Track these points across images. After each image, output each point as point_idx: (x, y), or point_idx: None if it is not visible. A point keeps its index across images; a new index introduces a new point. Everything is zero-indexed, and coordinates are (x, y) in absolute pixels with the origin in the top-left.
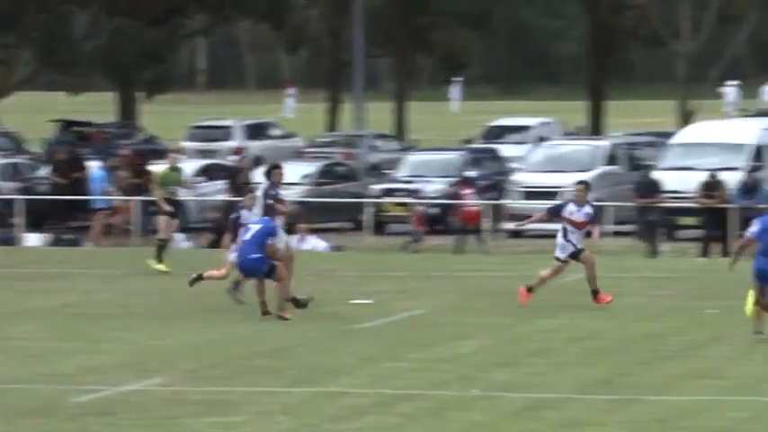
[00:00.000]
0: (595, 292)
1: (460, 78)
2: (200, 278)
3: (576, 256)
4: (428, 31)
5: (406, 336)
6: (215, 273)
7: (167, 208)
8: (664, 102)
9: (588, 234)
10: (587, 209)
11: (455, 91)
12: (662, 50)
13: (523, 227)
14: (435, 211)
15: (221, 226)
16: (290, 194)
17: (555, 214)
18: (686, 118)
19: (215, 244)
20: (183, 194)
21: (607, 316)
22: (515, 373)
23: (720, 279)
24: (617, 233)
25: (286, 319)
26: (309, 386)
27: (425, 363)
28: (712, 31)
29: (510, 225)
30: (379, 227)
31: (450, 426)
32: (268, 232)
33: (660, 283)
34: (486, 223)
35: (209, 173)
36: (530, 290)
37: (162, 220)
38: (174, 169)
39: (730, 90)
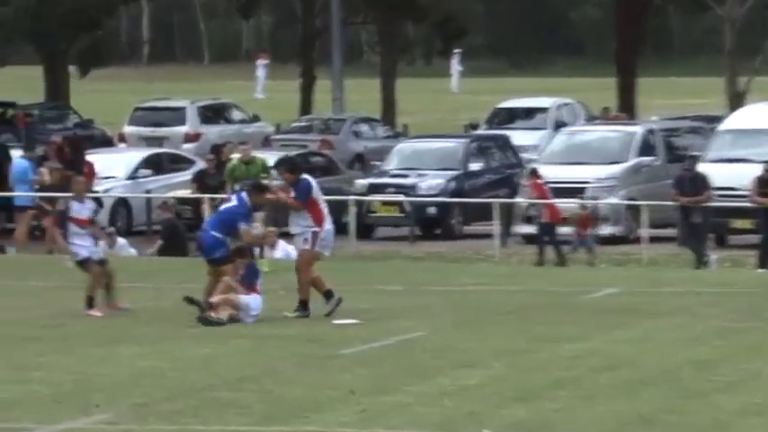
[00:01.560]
0: None
1: (460, 50)
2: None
3: None
4: None
5: (401, 363)
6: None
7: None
8: (709, 79)
9: None
10: None
11: (454, 65)
12: (706, 16)
13: None
14: (433, 211)
15: (172, 228)
16: None
17: None
18: (737, 99)
19: (164, 250)
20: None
21: (645, 339)
22: (534, 409)
23: None
24: (654, 239)
25: (220, 321)
26: (282, 425)
27: (425, 396)
28: None
29: (525, 228)
30: (365, 230)
31: None
32: (240, 213)
33: (709, 300)
34: (496, 226)
35: (156, 165)
36: None
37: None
38: (248, 162)
39: None
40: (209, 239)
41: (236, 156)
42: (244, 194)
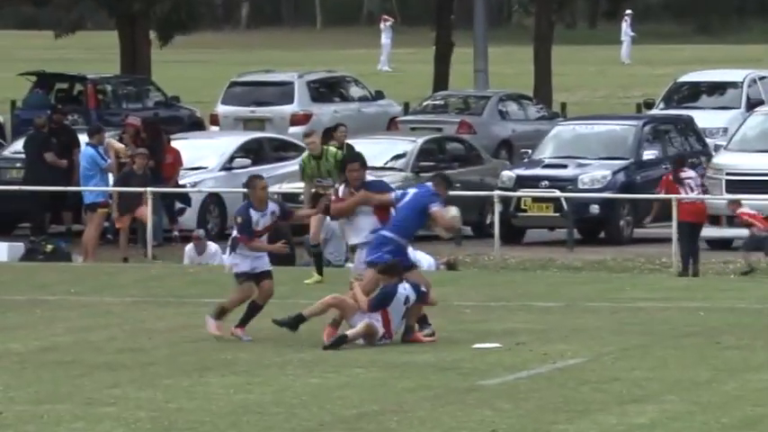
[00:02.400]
0: None
1: (631, 11)
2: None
3: None
4: None
5: (554, 397)
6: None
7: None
8: None
9: None
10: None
11: (625, 30)
12: None
13: None
14: (596, 210)
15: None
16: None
17: None
18: None
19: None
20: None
21: None
22: None
23: None
24: None
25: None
26: None
27: None
28: None
29: (711, 231)
30: (513, 233)
31: None
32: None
33: None
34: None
35: (256, 152)
36: None
37: (313, 222)
38: (319, 157)
39: None
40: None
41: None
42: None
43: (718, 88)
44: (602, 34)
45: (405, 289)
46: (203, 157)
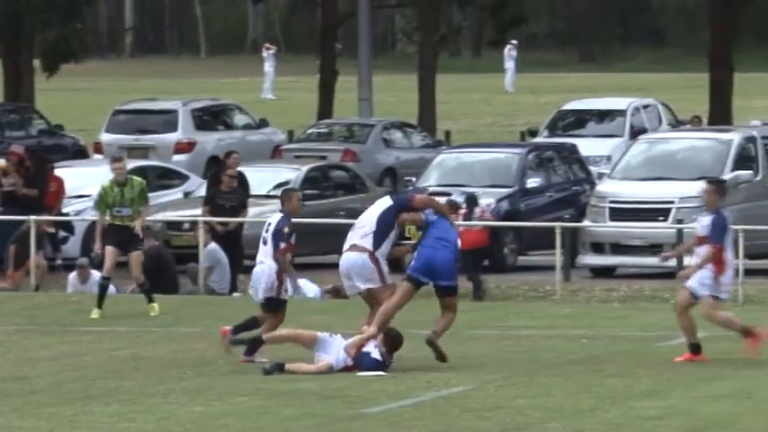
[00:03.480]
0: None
1: (516, 41)
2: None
3: None
4: None
5: (437, 425)
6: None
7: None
8: None
9: None
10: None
11: (509, 59)
12: None
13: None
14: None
15: (157, 259)
16: (257, 213)
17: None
18: None
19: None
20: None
21: (740, 396)
22: None
23: None
24: (751, 271)
25: None
26: None
27: None
28: None
29: (594, 259)
30: (399, 261)
31: None
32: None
33: None
34: (558, 256)
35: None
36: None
37: (108, 253)
38: (119, 184)
39: None
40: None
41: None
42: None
43: (602, 116)
44: (486, 63)
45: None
46: (87, 185)
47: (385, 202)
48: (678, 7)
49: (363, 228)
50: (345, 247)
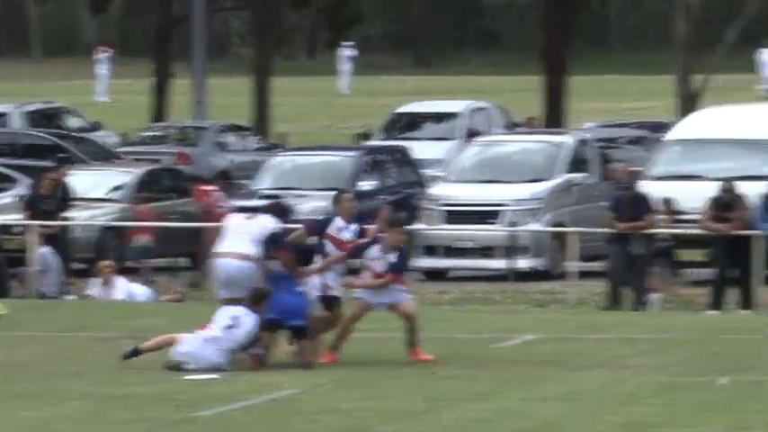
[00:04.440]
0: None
1: (351, 43)
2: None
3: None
4: None
5: (267, 428)
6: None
7: None
8: (656, 78)
9: None
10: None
11: (344, 62)
12: (651, 2)
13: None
14: (312, 240)
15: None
16: (88, 216)
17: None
18: (689, 102)
19: None
20: None
21: (569, 397)
22: None
23: (738, 341)
24: (584, 274)
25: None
26: None
27: None
28: None
29: (427, 261)
30: None
31: None
32: None
33: (647, 349)
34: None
35: None
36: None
37: None
38: None
39: None
40: None
41: None
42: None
43: (437, 119)
44: (321, 66)
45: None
46: None
47: (268, 223)
48: (512, 10)
49: (247, 235)
50: (222, 252)
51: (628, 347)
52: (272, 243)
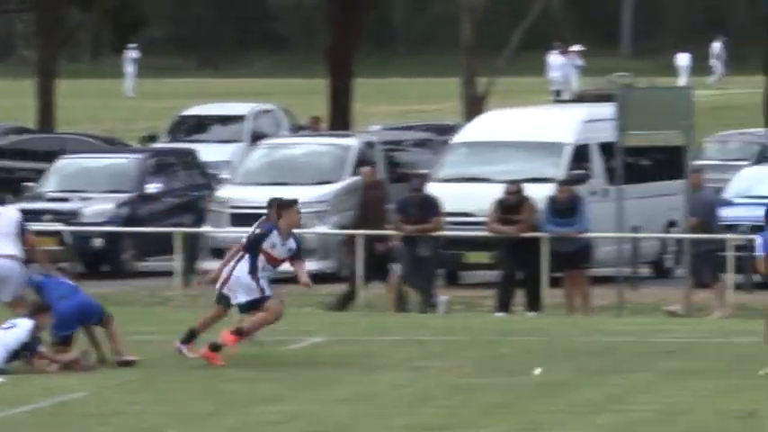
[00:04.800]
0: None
1: (135, 45)
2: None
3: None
4: None
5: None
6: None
7: None
8: (442, 80)
9: None
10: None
11: (129, 64)
12: (437, 4)
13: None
14: (99, 243)
15: None
16: None
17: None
18: (475, 104)
19: None
20: None
21: (358, 399)
22: None
23: (526, 342)
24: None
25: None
26: None
27: None
28: None
29: (214, 264)
30: None
31: None
32: None
33: (436, 350)
34: (178, 262)
35: None
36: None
37: None
38: None
39: (558, 61)
40: None
41: None
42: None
43: (222, 121)
44: (106, 68)
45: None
46: None
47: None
48: (299, 12)
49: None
50: None
51: (416, 349)
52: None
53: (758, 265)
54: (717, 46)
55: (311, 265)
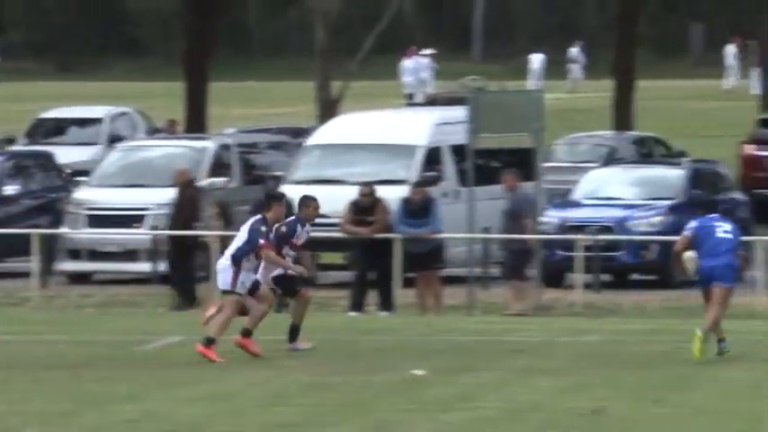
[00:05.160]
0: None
1: None
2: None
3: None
4: None
5: None
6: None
7: None
8: (297, 84)
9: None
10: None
11: None
12: (291, 9)
13: None
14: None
15: None
16: None
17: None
18: (329, 107)
19: None
20: None
21: (214, 398)
22: None
23: (379, 342)
24: None
25: None
26: None
27: None
28: None
29: (71, 265)
30: None
31: None
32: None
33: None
34: (34, 263)
35: None
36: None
37: None
38: None
39: (415, 63)
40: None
41: None
42: None
43: (80, 124)
44: None
45: None
46: None
47: None
48: (157, 17)
49: None
50: None
51: (274, 348)
52: None
53: (677, 244)
54: (574, 50)
55: (166, 265)
